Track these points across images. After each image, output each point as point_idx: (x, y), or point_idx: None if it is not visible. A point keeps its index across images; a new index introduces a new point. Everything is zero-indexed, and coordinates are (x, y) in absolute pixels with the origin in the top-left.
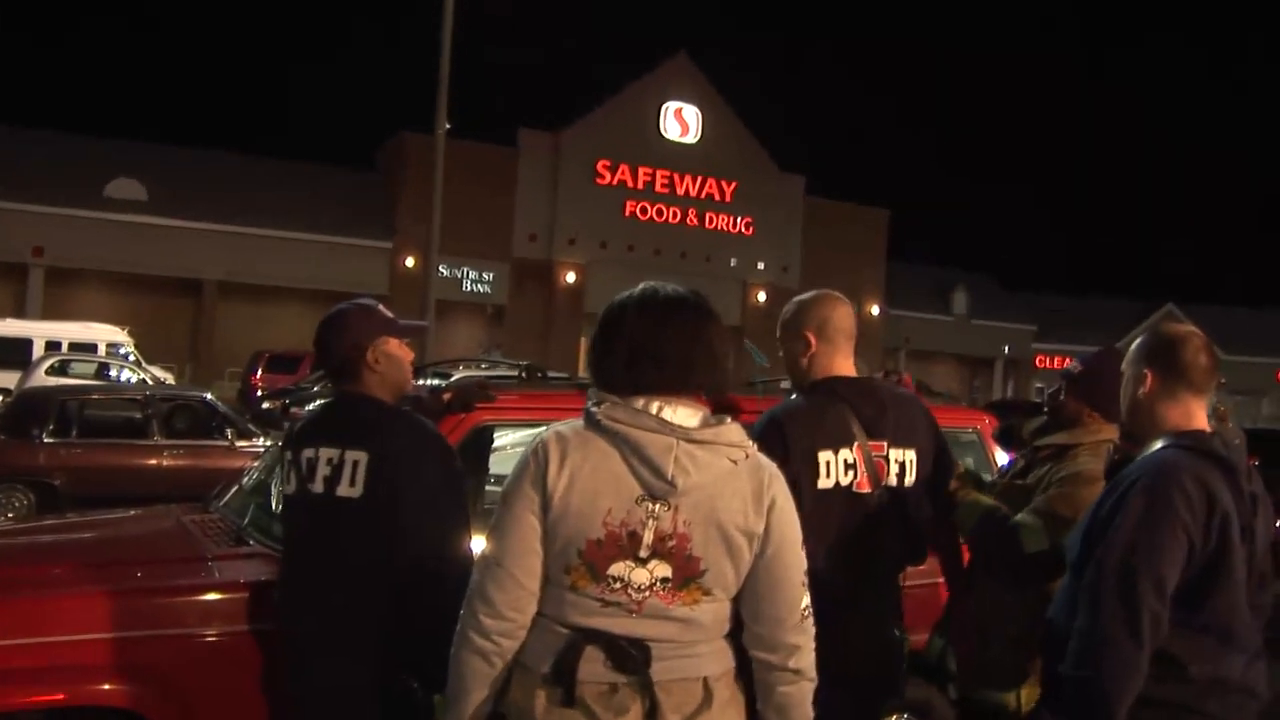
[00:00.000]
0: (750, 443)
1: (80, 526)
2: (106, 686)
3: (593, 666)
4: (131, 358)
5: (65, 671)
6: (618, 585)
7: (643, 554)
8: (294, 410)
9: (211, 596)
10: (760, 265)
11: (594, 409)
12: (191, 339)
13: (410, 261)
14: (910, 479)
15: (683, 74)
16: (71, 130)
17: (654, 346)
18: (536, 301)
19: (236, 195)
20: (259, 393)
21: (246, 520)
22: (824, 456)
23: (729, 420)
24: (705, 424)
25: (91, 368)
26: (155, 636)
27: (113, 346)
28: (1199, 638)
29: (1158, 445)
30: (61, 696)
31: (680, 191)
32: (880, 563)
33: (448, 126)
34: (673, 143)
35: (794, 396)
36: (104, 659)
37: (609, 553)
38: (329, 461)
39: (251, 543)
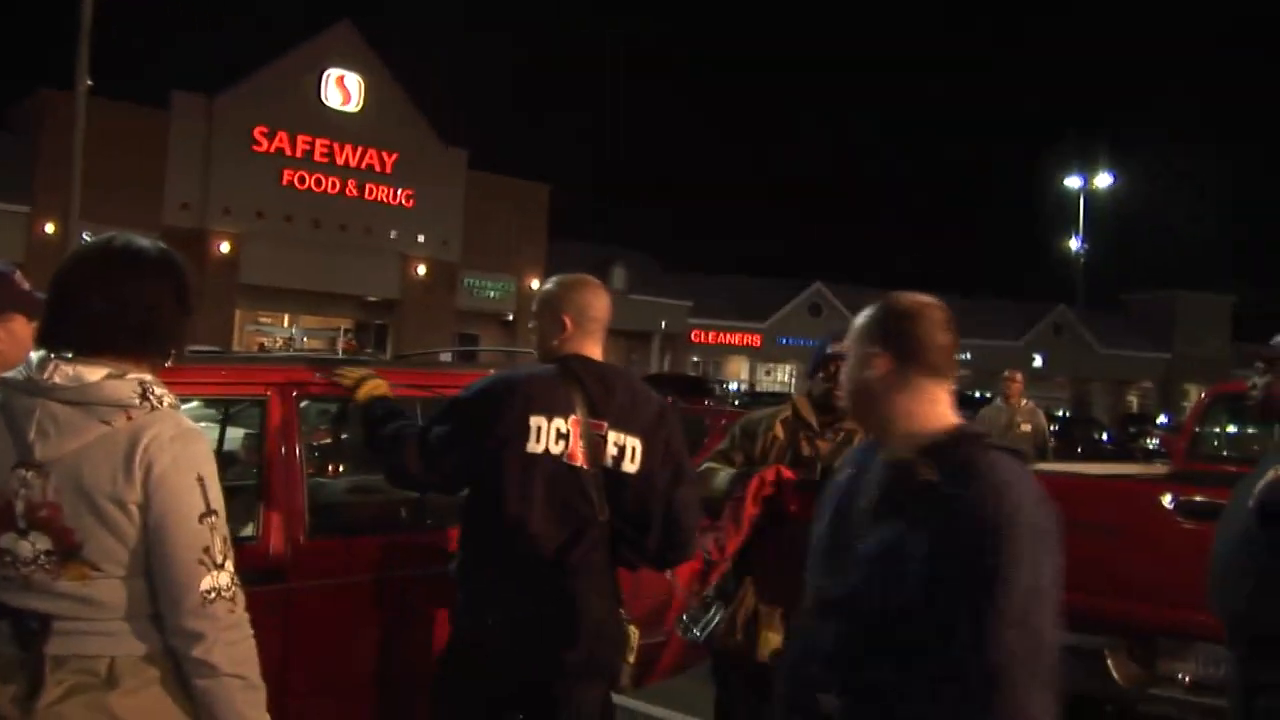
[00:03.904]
0: (141, 402)
1: None
2: None
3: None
4: None
5: None
6: (8, 559)
7: (21, 525)
8: None
9: None
10: (421, 238)
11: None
12: None
13: (50, 228)
14: (631, 465)
15: (346, 41)
16: None
17: (71, 299)
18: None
19: None
20: None
21: None
22: (535, 421)
23: (123, 376)
24: (80, 382)
25: None
26: None
27: None
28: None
29: (981, 451)
30: None
31: (340, 161)
32: (588, 538)
33: (90, 83)
34: (334, 111)
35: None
36: None
37: None
38: None
39: None
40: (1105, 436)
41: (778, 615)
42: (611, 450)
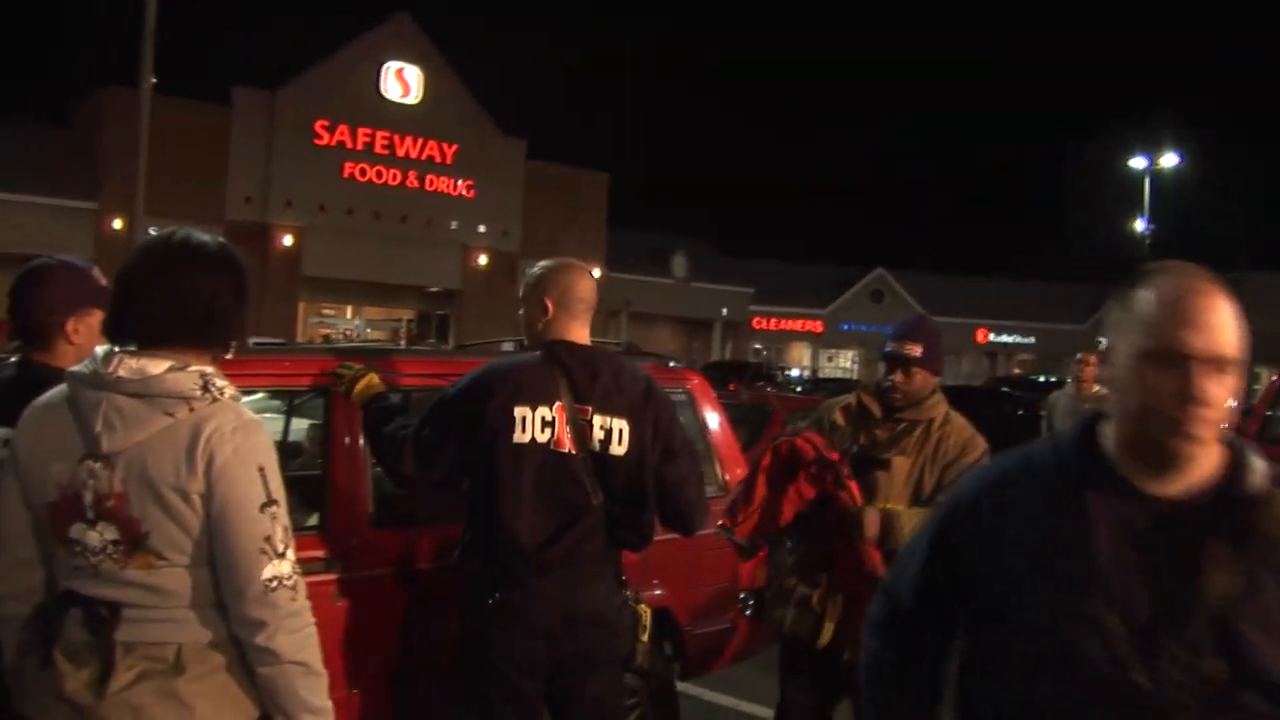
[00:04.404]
0: (203, 394)
1: None
2: None
3: (72, 627)
4: None
5: None
6: (78, 548)
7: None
8: None
9: None
10: (481, 229)
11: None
12: None
13: (117, 224)
14: (619, 447)
15: (404, 33)
16: None
17: (133, 294)
18: (252, 265)
19: None
20: None
21: None
22: (520, 412)
23: (185, 368)
24: (143, 375)
25: None
26: None
27: None
28: None
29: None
30: None
31: (400, 153)
32: (581, 523)
33: (154, 81)
34: (393, 103)
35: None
36: None
37: (65, 515)
38: (5, 443)
39: None
40: None
41: (816, 594)
42: (598, 434)
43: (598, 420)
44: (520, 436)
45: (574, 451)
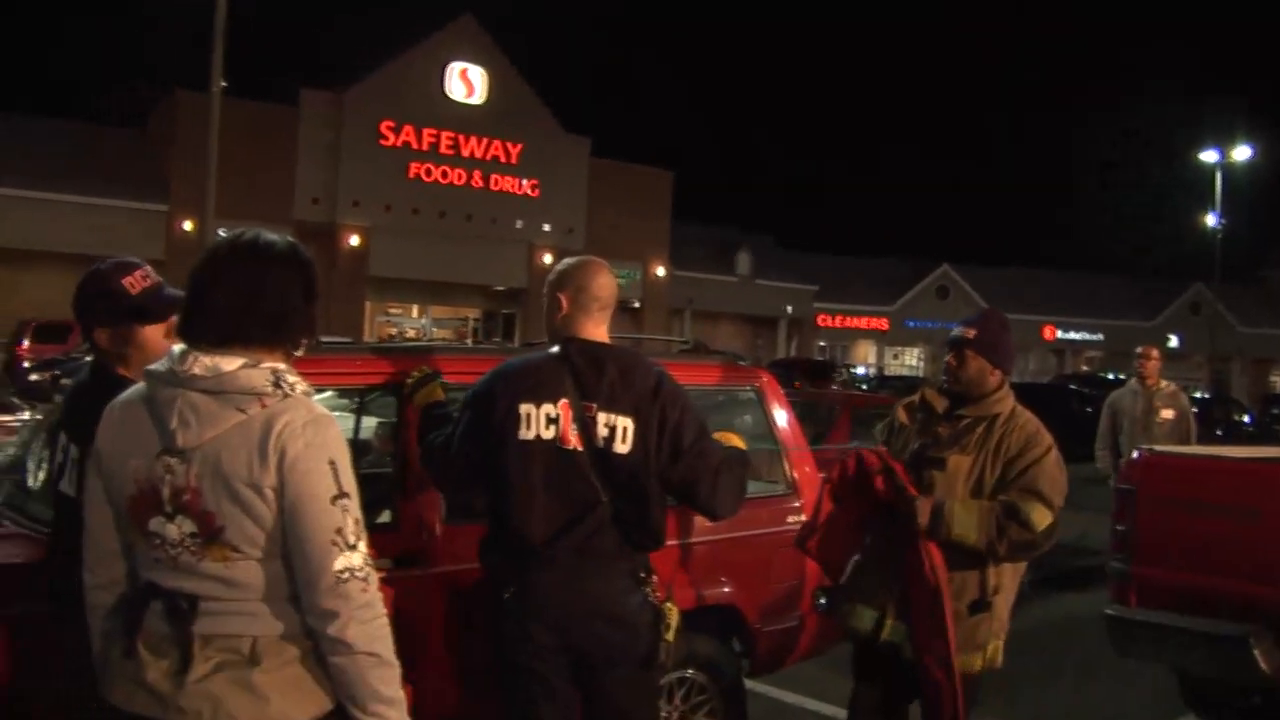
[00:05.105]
0: (274, 390)
1: None
2: None
3: (153, 619)
4: None
5: None
6: (157, 541)
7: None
8: (64, 382)
9: None
10: (546, 227)
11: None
12: None
13: (188, 225)
14: (623, 445)
15: (468, 34)
16: None
17: (205, 294)
18: (320, 265)
19: None
20: (25, 364)
21: (0, 499)
22: (525, 409)
23: (257, 365)
24: (217, 373)
25: None
26: None
27: None
28: None
29: None
30: None
31: (465, 153)
32: (590, 518)
33: (224, 84)
34: (458, 104)
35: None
36: None
37: (144, 509)
38: (64, 449)
39: (7, 523)
40: (1246, 418)
41: (879, 592)
42: (602, 432)
43: (602, 418)
44: (525, 433)
45: (579, 448)
